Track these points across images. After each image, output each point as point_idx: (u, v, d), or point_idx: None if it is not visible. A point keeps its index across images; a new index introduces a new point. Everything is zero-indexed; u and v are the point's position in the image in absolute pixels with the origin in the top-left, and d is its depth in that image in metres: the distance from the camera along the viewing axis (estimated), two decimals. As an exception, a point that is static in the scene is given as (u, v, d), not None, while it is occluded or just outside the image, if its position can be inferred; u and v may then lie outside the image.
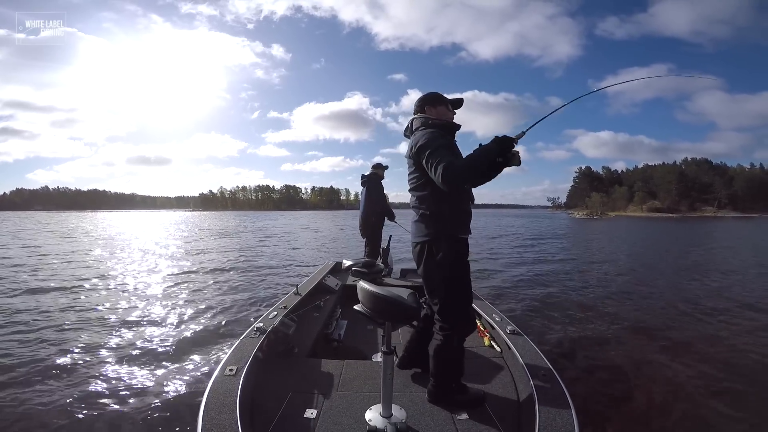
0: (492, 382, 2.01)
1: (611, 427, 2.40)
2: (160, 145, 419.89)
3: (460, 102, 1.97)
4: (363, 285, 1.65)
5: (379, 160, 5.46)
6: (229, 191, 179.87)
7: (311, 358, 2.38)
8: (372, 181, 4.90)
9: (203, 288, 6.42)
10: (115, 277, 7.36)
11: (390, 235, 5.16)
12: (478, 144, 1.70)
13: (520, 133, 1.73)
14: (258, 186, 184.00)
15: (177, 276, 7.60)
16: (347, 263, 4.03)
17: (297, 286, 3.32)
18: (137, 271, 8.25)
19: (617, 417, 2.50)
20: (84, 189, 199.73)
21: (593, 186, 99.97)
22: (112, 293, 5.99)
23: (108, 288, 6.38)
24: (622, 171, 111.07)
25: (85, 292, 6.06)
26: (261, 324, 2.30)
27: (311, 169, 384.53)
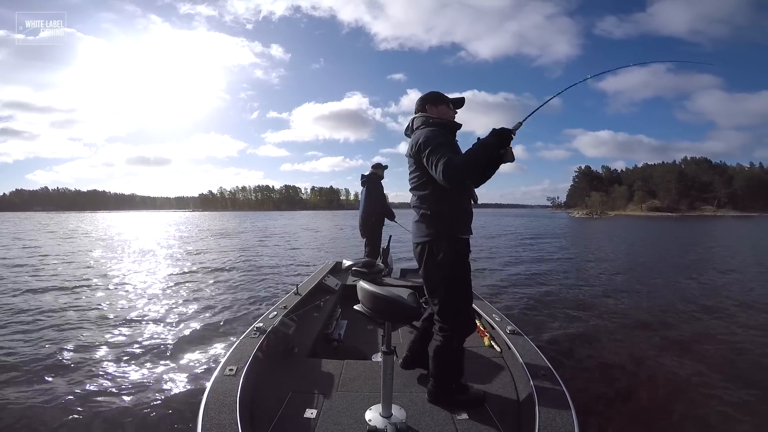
0: (492, 382, 2.01)
1: (611, 427, 2.40)
2: (159, 145, 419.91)
3: (461, 101, 1.96)
4: (363, 285, 1.65)
5: (378, 160, 5.47)
6: (229, 191, 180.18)
7: (311, 358, 2.38)
8: (372, 181, 4.90)
9: (203, 288, 6.42)
10: (116, 278, 7.35)
11: (390, 235, 5.16)
12: (477, 138, 1.71)
13: (517, 124, 1.76)
14: (258, 186, 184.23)
15: (177, 276, 7.60)
16: (347, 263, 4.03)
17: (297, 286, 3.32)
18: (137, 271, 8.25)
19: (617, 417, 2.50)
20: (84, 190, 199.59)
21: (593, 185, 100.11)
22: (113, 293, 5.99)
23: (108, 288, 6.38)
24: (621, 170, 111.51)
25: (85, 292, 6.05)
26: (261, 324, 2.30)
27: (311, 169, 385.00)
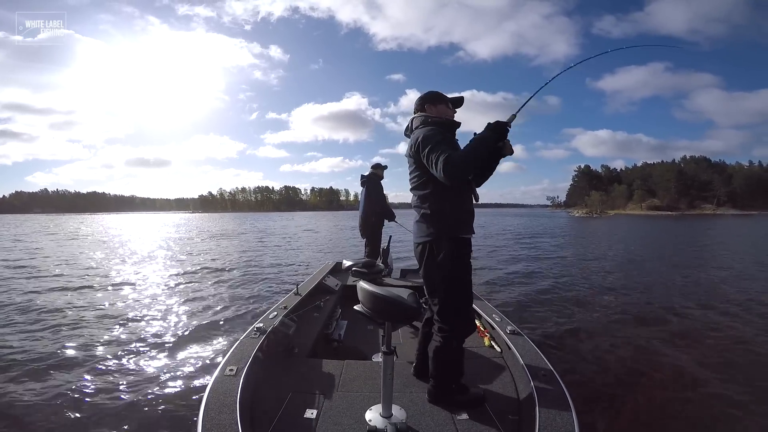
0: (492, 383, 2.01)
1: (612, 428, 2.39)
2: (159, 146, 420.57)
3: (460, 100, 1.96)
4: (363, 285, 1.65)
5: (378, 160, 5.45)
6: (229, 193, 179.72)
7: (311, 358, 2.37)
8: (371, 181, 4.90)
9: (203, 288, 6.42)
10: (116, 279, 7.35)
11: (390, 235, 5.15)
12: (473, 133, 1.71)
13: (511, 116, 1.77)
14: (257, 187, 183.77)
15: (177, 277, 7.60)
16: (347, 263, 4.02)
17: (297, 286, 3.31)
18: (138, 272, 8.24)
19: (618, 417, 2.50)
20: (83, 191, 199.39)
21: (592, 184, 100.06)
22: (113, 294, 5.99)
23: (109, 289, 6.37)
24: (621, 169, 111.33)
25: (86, 293, 6.05)
26: (261, 324, 2.30)
27: (310, 170, 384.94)
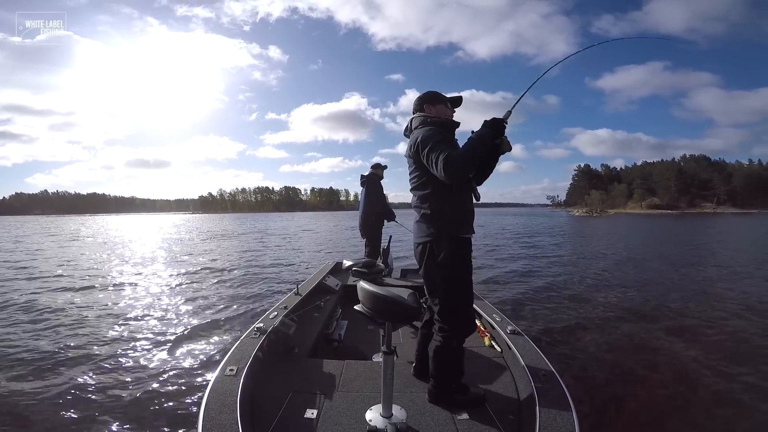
0: (492, 383, 2.00)
1: (612, 428, 2.39)
2: (158, 147, 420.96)
3: (459, 100, 1.96)
4: (363, 285, 1.65)
5: (378, 160, 5.45)
6: (229, 193, 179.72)
7: (311, 358, 2.37)
8: (371, 181, 4.90)
9: (204, 289, 6.42)
10: (117, 279, 7.35)
11: (390, 235, 5.16)
12: (471, 132, 1.72)
13: (507, 112, 1.77)
14: (257, 188, 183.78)
15: (178, 277, 7.60)
16: (347, 263, 4.02)
17: (297, 286, 3.31)
18: (138, 272, 8.24)
19: (618, 418, 2.50)
20: (83, 193, 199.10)
21: (592, 184, 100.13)
22: (114, 294, 5.98)
23: (109, 289, 6.37)
24: (621, 168, 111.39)
25: (88, 293, 6.06)
26: (261, 324, 2.30)
27: (310, 170, 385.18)
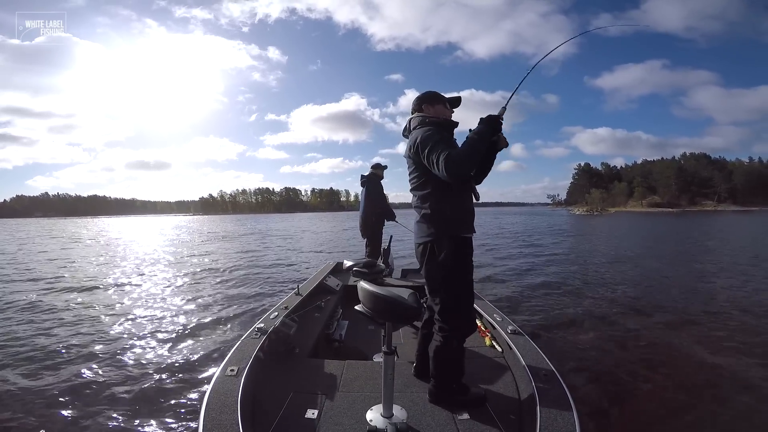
0: (493, 382, 2.00)
1: (613, 428, 2.39)
2: (159, 149, 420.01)
3: (457, 100, 1.97)
4: (364, 285, 1.65)
5: (378, 160, 5.45)
6: (229, 195, 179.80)
7: (312, 358, 2.37)
8: (371, 181, 4.91)
9: (204, 289, 6.43)
10: (117, 280, 7.35)
11: (391, 235, 5.16)
12: (468, 130, 1.72)
13: (502, 109, 1.79)
14: (258, 189, 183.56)
15: (178, 277, 7.61)
16: (348, 264, 4.03)
17: (298, 286, 3.32)
18: (140, 273, 8.25)
19: (619, 418, 2.49)
20: (84, 195, 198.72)
21: (593, 182, 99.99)
22: (115, 295, 5.99)
23: (110, 290, 6.38)
24: (621, 167, 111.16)
25: (88, 294, 6.06)
26: (262, 324, 2.30)
27: (310, 171, 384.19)
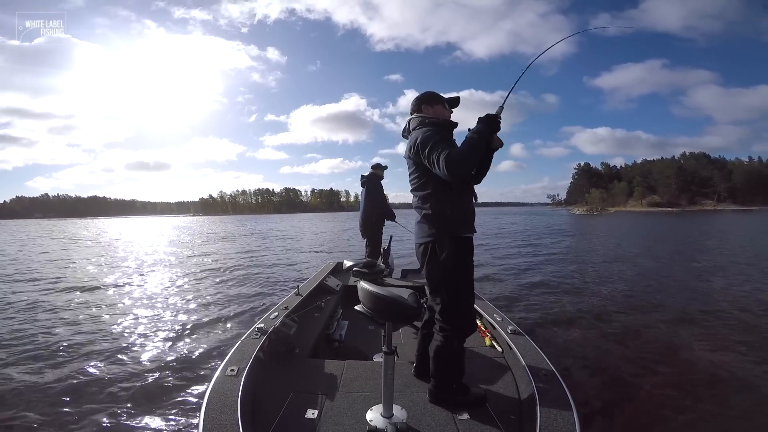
0: (493, 383, 2.00)
1: (613, 428, 2.39)
2: (158, 150, 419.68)
3: (456, 100, 1.97)
4: (364, 285, 1.65)
5: (378, 160, 5.46)
6: (229, 195, 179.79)
7: (312, 358, 2.38)
8: (371, 181, 4.91)
9: (204, 289, 6.43)
10: (118, 280, 7.36)
11: (391, 235, 5.16)
12: (468, 129, 1.73)
13: (499, 108, 1.79)
14: (258, 189, 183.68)
15: (178, 278, 7.61)
16: (348, 264, 4.03)
17: (298, 286, 3.32)
18: (140, 273, 8.25)
19: (619, 418, 2.49)
20: (84, 196, 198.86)
21: (592, 182, 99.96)
22: (115, 295, 5.99)
23: (110, 290, 6.38)
24: (620, 166, 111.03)
25: (88, 294, 6.06)
26: (262, 324, 2.30)
27: (310, 172, 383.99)
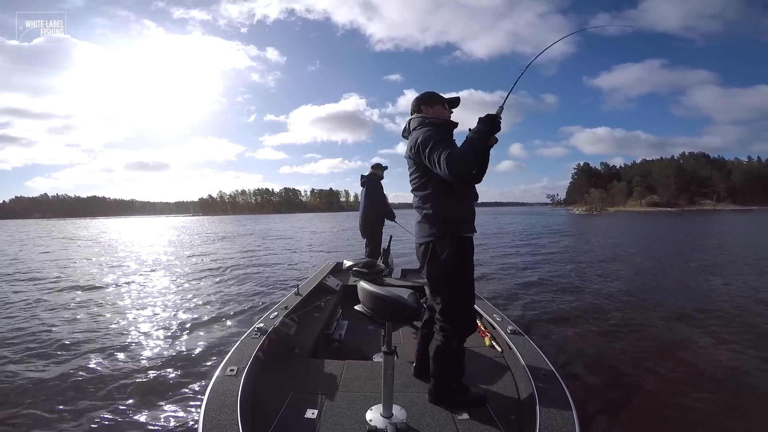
0: (493, 382, 2.00)
1: (613, 428, 2.39)
2: (158, 150, 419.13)
3: (456, 101, 1.97)
4: (363, 285, 1.65)
5: (377, 160, 5.46)
6: (229, 195, 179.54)
7: (312, 358, 2.38)
8: (371, 181, 4.91)
9: (204, 289, 6.43)
10: (118, 280, 7.35)
11: (390, 235, 5.16)
12: (468, 130, 1.74)
13: (499, 108, 1.79)
14: (257, 189, 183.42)
15: (178, 278, 7.61)
16: (348, 263, 4.03)
17: (298, 286, 3.32)
18: (140, 273, 8.25)
19: (619, 418, 2.49)
20: (83, 196, 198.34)
21: (592, 182, 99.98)
22: (115, 295, 5.98)
23: (110, 290, 6.37)
24: (620, 166, 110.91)
25: (88, 294, 6.05)
26: (262, 324, 2.30)
27: (310, 172, 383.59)
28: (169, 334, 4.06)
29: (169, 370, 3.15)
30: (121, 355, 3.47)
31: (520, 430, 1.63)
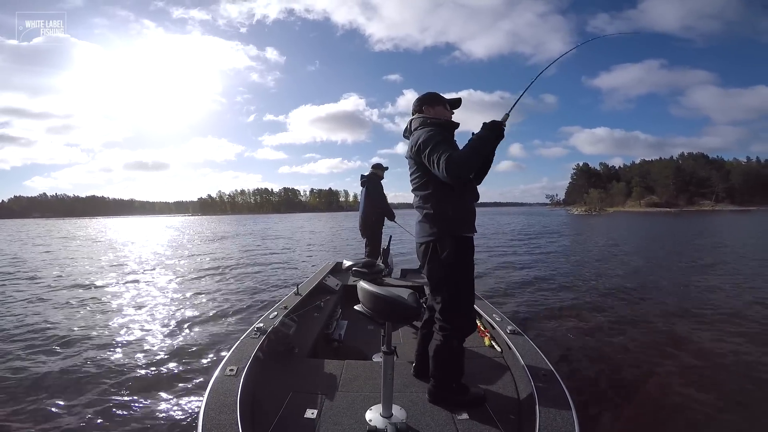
0: (492, 382, 2.01)
1: (612, 428, 2.39)
2: (157, 150, 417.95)
3: (458, 102, 1.98)
4: (363, 285, 1.65)
5: (377, 160, 5.47)
6: (228, 195, 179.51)
7: (312, 358, 2.38)
8: (371, 181, 4.91)
9: (204, 289, 6.42)
10: (118, 280, 7.34)
11: (390, 235, 5.16)
12: (471, 133, 1.74)
13: (505, 115, 1.80)
14: (257, 189, 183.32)
15: (177, 278, 7.60)
16: (347, 263, 4.04)
17: (297, 286, 3.32)
18: (140, 272, 8.24)
19: (618, 418, 2.49)
20: (82, 195, 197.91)
21: (591, 182, 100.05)
22: (114, 295, 5.97)
23: (110, 290, 6.36)
24: (619, 167, 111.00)
25: (89, 293, 6.04)
26: (261, 324, 2.30)
27: (309, 171, 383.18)
28: (168, 333, 4.06)
29: (168, 369, 3.15)
30: (120, 355, 3.47)
31: (519, 430, 1.63)
